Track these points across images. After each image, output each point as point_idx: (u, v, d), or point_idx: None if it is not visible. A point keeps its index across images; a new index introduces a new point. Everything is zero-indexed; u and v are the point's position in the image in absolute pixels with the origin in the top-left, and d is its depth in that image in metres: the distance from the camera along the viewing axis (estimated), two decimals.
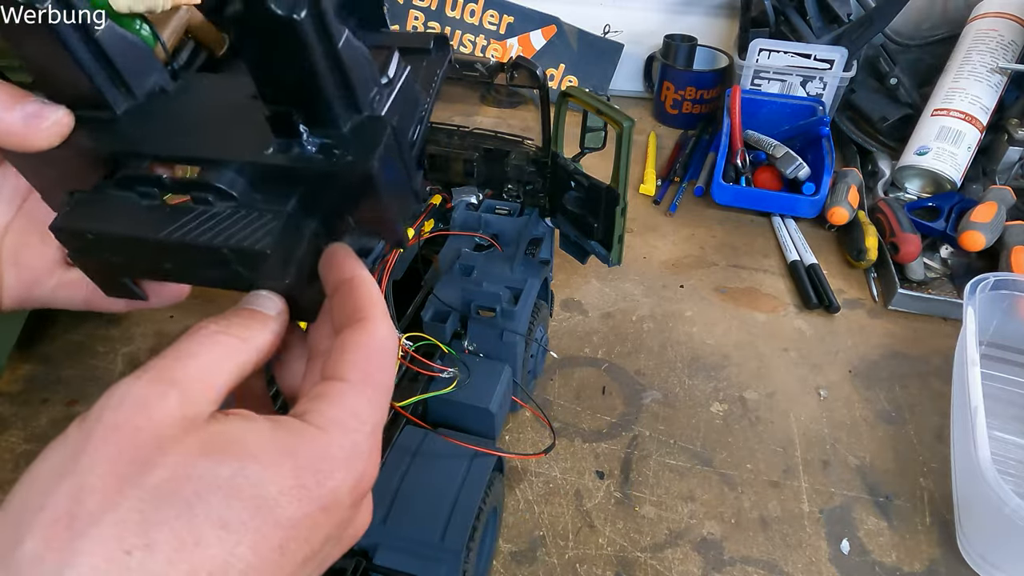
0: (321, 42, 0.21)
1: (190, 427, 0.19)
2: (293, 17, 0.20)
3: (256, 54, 0.22)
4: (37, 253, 0.29)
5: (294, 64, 0.21)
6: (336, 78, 0.22)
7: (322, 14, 0.21)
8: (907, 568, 0.49)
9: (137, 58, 0.25)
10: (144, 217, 0.24)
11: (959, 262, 0.77)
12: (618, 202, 0.50)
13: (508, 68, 0.52)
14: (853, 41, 0.93)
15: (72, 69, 0.23)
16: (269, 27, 0.20)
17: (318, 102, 0.23)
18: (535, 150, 0.58)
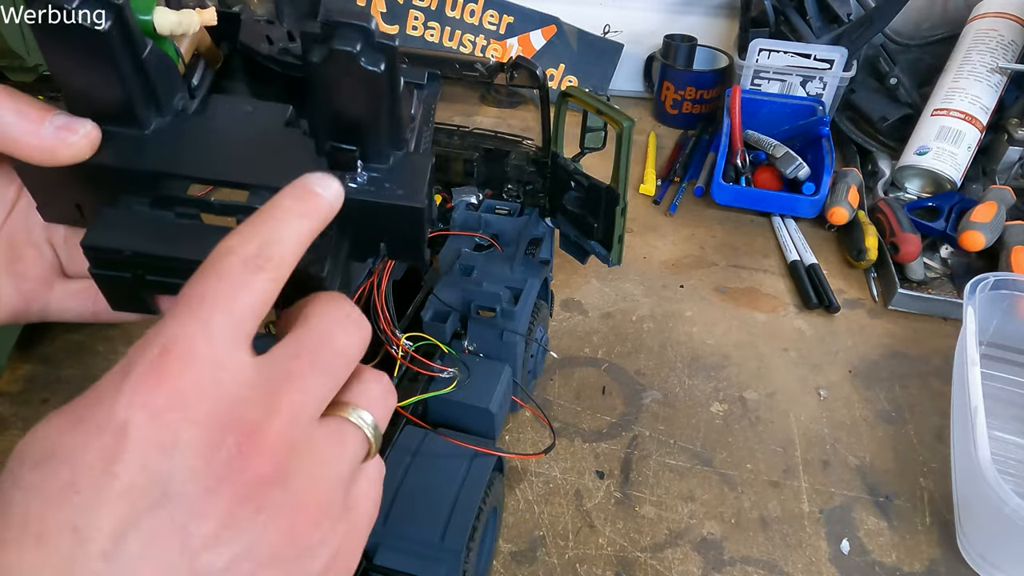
0: (392, 91, 0.23)
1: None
2: (378, 71, 0.22)
3: (331, 99, 0.23)
4: (33, 263, 0.28)
5: (366, 109, 0.24)
6: (393, 120, 0.25)
7: (395, 67, 0.23)
8: (907, 568, 0.49)
9: (168, 77, 0.26)
10: (186, 237, 0.25)
11: (959, 262, 0.77)
12: (618, 202, 0.50)
13: (508, 68, 0.52)
14: (853, 41, 0.93)
15: (114, 85, 0.24)
16: (354, 79, 0.22)
17: (376, 140, 0.25)
18: (535, 150, 0.58)
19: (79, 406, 0.18)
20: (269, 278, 0.20)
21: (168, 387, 0.18)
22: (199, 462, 0.18)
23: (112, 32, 0.22)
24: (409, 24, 1.10)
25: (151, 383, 0.18)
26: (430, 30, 1.10)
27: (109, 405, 0.18)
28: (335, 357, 0.22)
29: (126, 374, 0.18)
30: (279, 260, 0.21)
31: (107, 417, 0.17)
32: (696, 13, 1.12)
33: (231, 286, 0.20)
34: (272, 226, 0.21)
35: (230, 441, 0.18)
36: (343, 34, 0.22)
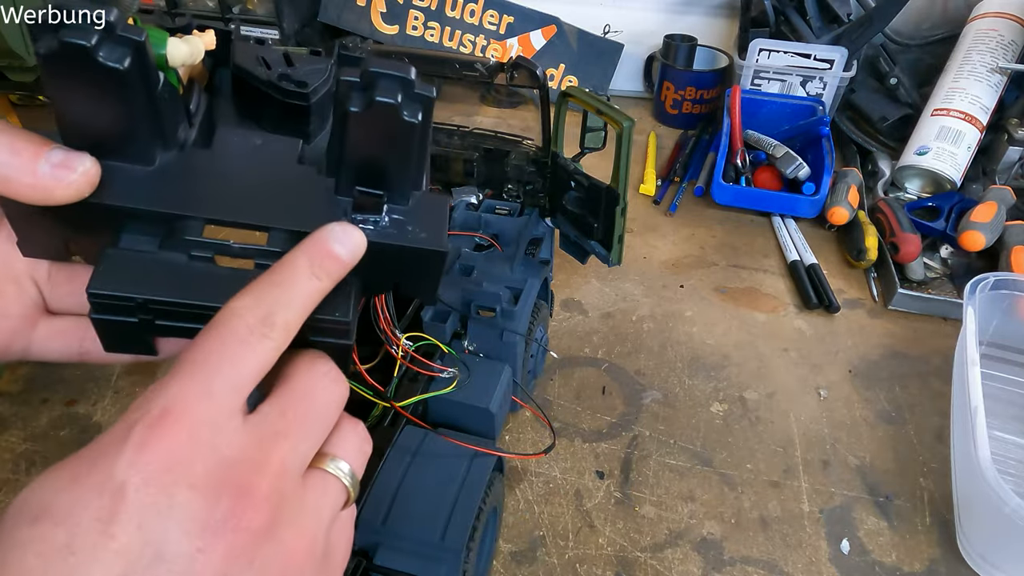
0: (424, 139, 0.23)
1: None
2: (416, 122, 0.22)
3: (364, 146, 0.23)
4: (14, 300, 0.27)
5: (398, 156, 0.23)
6: (420, 165, 0.24)
7: (430, 116, 0.23)
8: (907, 568, 0.49)
9: (174, 109, 0.25)
10: (202, 281, 0.24)
11: (959, 262, 0.77)
12: (618, 202, 0.50)
13: (508, 68, 0.52)
14: (853, 41, 0.93)
15: (123, 121, 0.22)
16: (391, 128, 0.22)
17: (403, 184, 0.24)
18: (535, 150, 0.58)
19: (78, 463, 0.18)
20: (273, 346, 0.21)
21: (166, 450, 0.18)
22: (194, 523, 0.18)
23: (131, 71, 0.21)
24: (409, 24, 1.10)
25: (151, 445, 0.18)
26: (430, 30, 1.10)
27: (108, 465, 0.18)
28: (318, 415, 0.23)
29: (127, 434, 0.18)
30: (284, 326, 0.21)
31: (106, 477, 0.18)
32: (696, 13, 1.12)
33: (235, 351, 0.20)
34: (283, 289, 0.22)
35: (224, 502, 0.19)
36: (385, 85, 0.22)
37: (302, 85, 0.28)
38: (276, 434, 0.21)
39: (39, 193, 0.21)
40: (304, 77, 0.28)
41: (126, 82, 0.21)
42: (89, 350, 0.27)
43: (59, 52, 0.20)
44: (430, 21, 1.10)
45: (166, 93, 0.23)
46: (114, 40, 0.20)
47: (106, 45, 0.20)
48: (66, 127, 0.22)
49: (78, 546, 0.17)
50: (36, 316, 0.27)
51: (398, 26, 1.10)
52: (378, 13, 1.10)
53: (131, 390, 0.59)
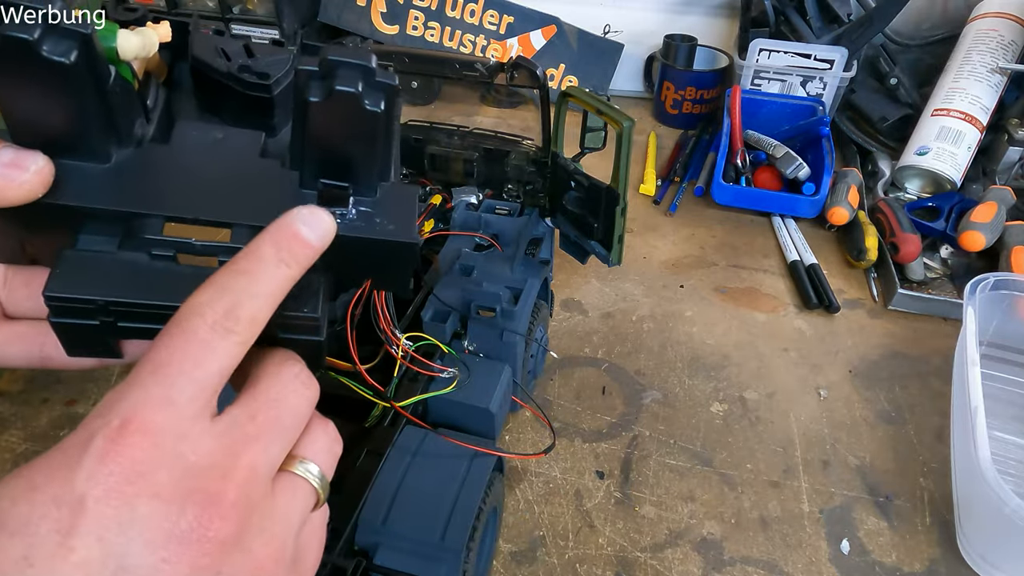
0: (389, 128, 0.23)
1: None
2: (378, 111, 0.21)
3: (326, 137, 0.22)
4: None
5: (363, 147, 0.23)
6: (386, 155, 0.24)
7: (394, 105, 0.22)
8: (907, 568, 0.49)
9: (129, 103, 0.24)
10: (164, 281, 0.23)
11: (959, 262, 0.77)
12: (618, 202, 0.50)
13: (508, 68, 0.52)
14: (853, 41, 0.93)
15: (74, 118, 0.21)
16: (353, 118, 0.22)
17: (369, 175, 0.24)
18: (535, 150, 0.58)
19: (35, 472, 0.18)
20: (238, 341, 0.20)
21: (128, 460, 0.18)
22: (158, 534, 0.18)
23: (78, 64, 0.20)
24: (409, 24, 1.10)
25: (111, 456, 0.18)
26: (430, 30, 1.10)
27: (67, 476, 0.17)
28: (289, 418, 0.22)
29: (86, 445, 0.18)
30: (250, 319, 0.20)
31: (65, 489, 0.17)
32: (696, 13, 1.12)
33: (197, 351, 0.19)
34: (248, 279, 0.20)
35: (190, 510, 0.18)
36: (344, 74, 0.21)
37: (264, 77, 0.27)
38: (246, 438, 0.20)
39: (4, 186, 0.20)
40: (266, 68, 0.28)
41: (74, 76, 0.20)
42: (51, 355, 0.26)
43: (1, 47, 0.19)
44: (430, 21, 1.10)
45: (118, 87, 0.22)
46: (59, 33, 0.19)
47: (50, 38, 0.19)
48: (16, 125, 0.21)
49: (36, 558, 0.16)
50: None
51: (398, 26, 1.10)
52: (378, 13, 1.10)
53: None
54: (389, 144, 0.24)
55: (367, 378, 0.45)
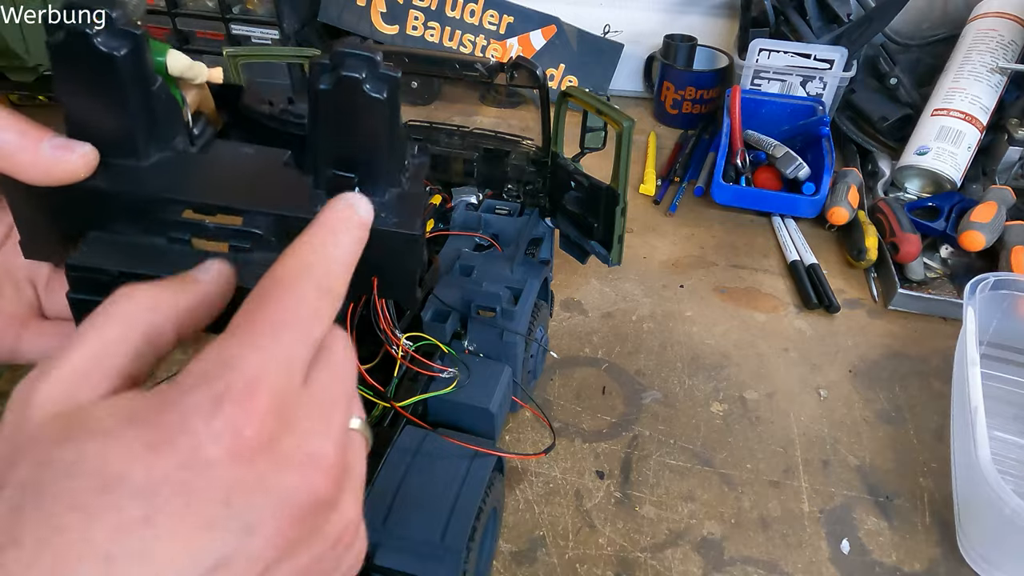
0: (392, 120, 0.24)
1: (61, 417, 0.19)
2: (381, 98, 0.23)
3: (335, 124, 0.24)
4: (9, 300, 0.28)
5: (367, 135, 0.24)
6: (392, 152, 0.25)
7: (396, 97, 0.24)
8: (907, 568, 0.49)
9: (172, 115, 0.27)
10: (176, 260, 0.24)
11: (959, 262, 0.77)
12: (618, 202, 0.50)
13: (508, 68, 0.52)
14: (853, 41, 0.93)
15: (120, 112, 0.24)
16: (358, 104, 0.23)
17: (375, 171, 0.25)
18: (535, 150, 0.58)
19: (150, 431, 0.17)
20: (335, 307, 0.21)
21: (255, 425, 0.18)
22: (280, 497, 0.18)
23: (127, 59, 0.23)
24: (409, 24, 1.10)
25: (238, 420, 0.17)
26: (430, 30, 1.10)
27: (192, 438, 0.17)
28: (353, 381, 0.23)
29: (213, 408, 0.17)
30: (342, 286, 0.21)
31: (190, 450, 0.17)
32: (696, 13, 1.12)
33: (308, 315, 0.20)
34: (332, 249, 0.21)
35: (308, 476, 0.19)
36: (351, 63, 0.23)
37: (300, 117, 0.30)
38: (334, 403, 0.20)
39: (39, 171, 0.23)
40: (303, 111, 0.30)
41: (122, 70, 0.23)
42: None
43: (64, 41, 0.22)
44: (430, 21, 1.10)
45: (163, 94, 0.25)
46: (114, 31, 0.22)
47: (105, 34, 0.22)
48: (71, 119, 0.24)
49: (158, 519, 0.16)
50: (28, 318, 0.28)
51: (398, 26, 1.10)
52: (378, 13, 1.10)
53: None
54: (394, 142, 0.25)
55: (367, 378, 0.45)
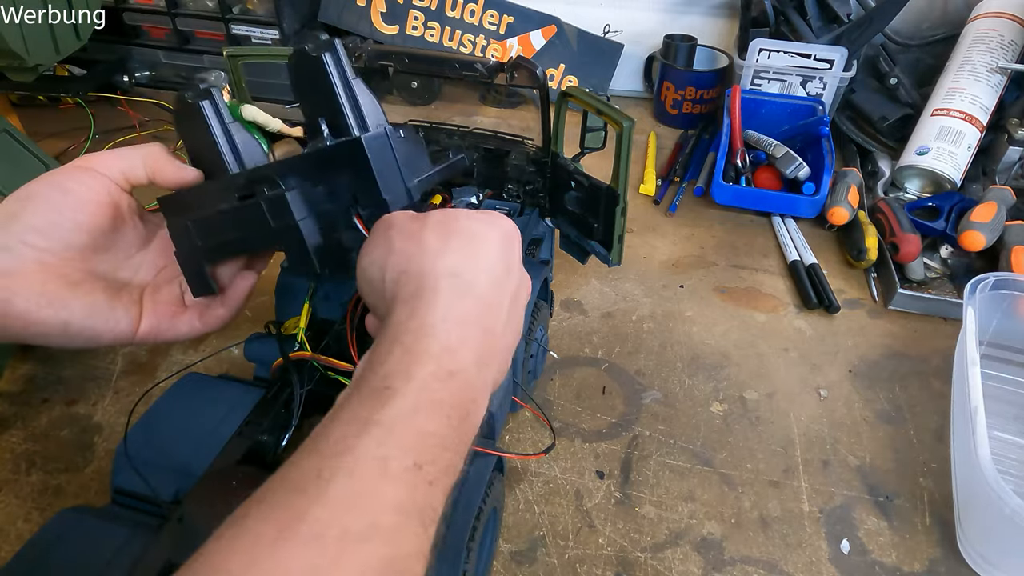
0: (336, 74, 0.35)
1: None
2: (322, 56, 0.34)
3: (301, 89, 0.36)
4: (166, 293, 0.41)
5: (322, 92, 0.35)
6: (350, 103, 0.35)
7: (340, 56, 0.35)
8: (907, 568, 0.49)
9: (253, 152, 0.39)
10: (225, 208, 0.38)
11: (959, 262, 0.77)
12: (618, 202, 0.50)
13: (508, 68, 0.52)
14: (853, 41, 0.93)
15: (209, 146, 0.38)
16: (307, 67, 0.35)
17: (337, 117, 0.35)
18: (535, 150, 0.58)
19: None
20: None
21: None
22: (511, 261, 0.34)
23: (208, 107, 0.37)
24: (409, 24, 1.10)
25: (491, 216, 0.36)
26: (430, 30, 1.10)
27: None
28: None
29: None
30: None
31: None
32: (696, 13, 1.12)
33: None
34: None
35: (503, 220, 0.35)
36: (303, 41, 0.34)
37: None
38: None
39: (172, 180, 0.38)
40: None
41: (204, 113, 0.37)
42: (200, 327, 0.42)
43: (179, 105, 0.38)
44: (430, 21, 1.10)
45: (243, 137, 0.39)
46: (198, 93, 0.37)
47: (194, 95, 0.37)
48: (189, 151, 0.40)
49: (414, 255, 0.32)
50: (179, 307, 0.41)
51: (398, 26, 1.10)
52: (378, 13, 1.10)
53: (131, 390, 0.59)
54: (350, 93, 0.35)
55: None
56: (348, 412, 0.27)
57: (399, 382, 0.27)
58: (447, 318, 0.29)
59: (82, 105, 0.98)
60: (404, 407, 0.26)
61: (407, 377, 0.27)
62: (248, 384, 0.50)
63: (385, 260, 0.32)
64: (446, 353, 0.28)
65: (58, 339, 0.36)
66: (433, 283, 0.30)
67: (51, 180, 0.36)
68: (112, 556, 0.37)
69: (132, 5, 1.05)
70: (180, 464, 0.42)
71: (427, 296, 0.30)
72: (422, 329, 0.29)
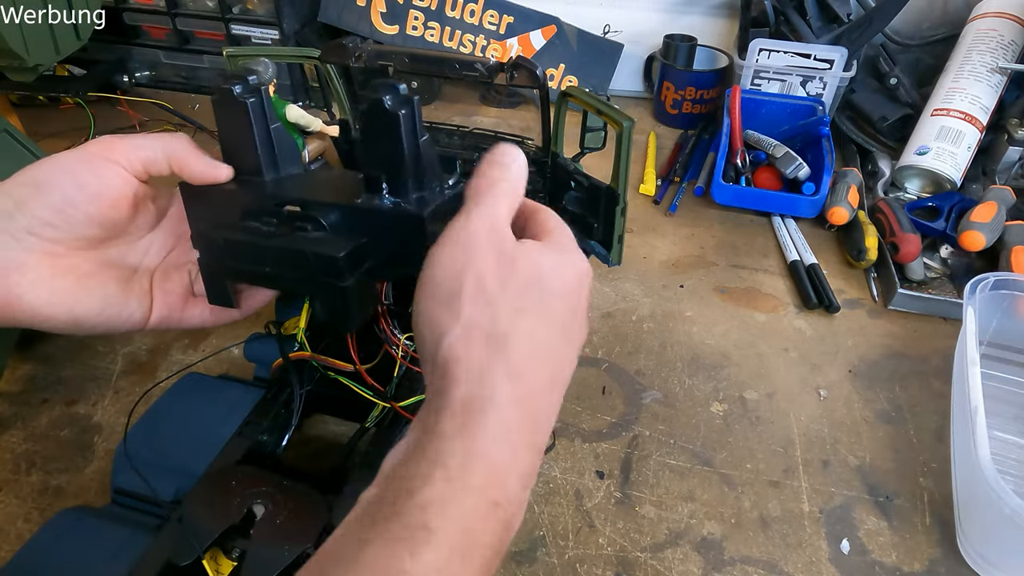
0: (411, 133, 0.33)
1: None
2: (399, 114, 0.32)
3: (370, 136, 0.34)
4: (176, 281, 0.40)
5: (389, 144, 0.33)
6: (415, 161, 0.34)
7: (415, 116, 0.33)
8: (907, 568, 0.49)
9: (289, 151, 0.38)
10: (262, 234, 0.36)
11: (959, 262, 0.77)
12: (618, 202, 0.50)
13: (508, 68, 0.52)
14: (853, 41, 0.93)
15: (249, 144, 0.37)
16: (382, 119, 0.33)
17: (401, 173, 0.34)
18: (535, 150, 0.58)
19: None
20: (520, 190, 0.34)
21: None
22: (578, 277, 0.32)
23: (254, 106, 0.36)
24: (409, 24, 1.10)
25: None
26: (430, 30, 1.10)
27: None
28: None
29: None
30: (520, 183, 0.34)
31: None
32: (696, 13, 1.12)
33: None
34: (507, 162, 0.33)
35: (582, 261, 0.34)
36: (380, 89, 0.32)
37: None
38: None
39: (200, 174, 0.37)
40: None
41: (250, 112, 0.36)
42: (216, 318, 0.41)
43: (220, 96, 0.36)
44: (430, 21, 1.10)
45: (280, 134, 0.37)
46: (248, 89, 0.36)
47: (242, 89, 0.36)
48: (223, 146, 0.38)
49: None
50: (188, 296, 0.40)
51: (398, 26, 1.10)
52: (378, 13, 1.10)
53: (131, 390, 0.59)
54: (416, 152, 0.34)
55: (367, 378, 0.45)
56: (379, 547, 0.23)
57: (436, 520, 0.23)
58: (498, 438, 0.26)
59: (82, 105, 0.98)
60: (439, 556, 0.23)
61: (445, 516, 0.23)
62: (248, 384, 0.50)
63: (444, 327, 0.28)
64: (492, 482, 0.25)
65: (70, 330, 0.35)
66: (491, 389, 0.26)
67: (65, 167, 0.33)
68: (112, 556, 0.37)
69: (132, 5, 1.05)
70: (180, 464, 0.42)
71: (478, 406, 0.26)
72: (470, 453, 0.25)
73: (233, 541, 0.36)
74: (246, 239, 0.35)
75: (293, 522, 0.37)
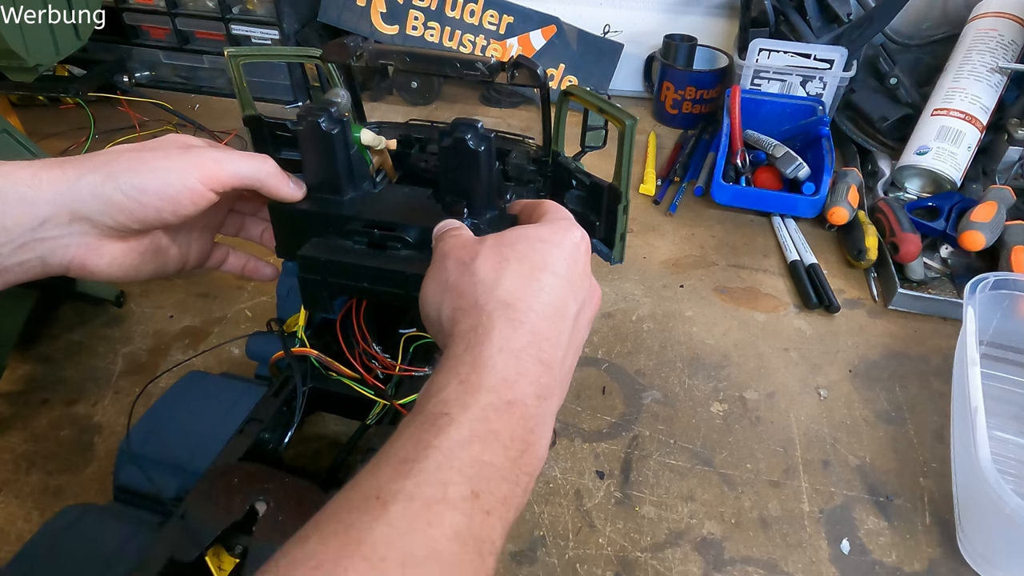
0: (488, 164, 0.39)
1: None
2: (479, 151, 0.38)
3: (452, 168, 0.39)
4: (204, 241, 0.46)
5: (473, 175, 0.39)
6: (491, 186, 0.40)
7: (491, 150, 0.39)
8: (907, 568, 0.49)
9: (362, 170, 0.44)
10: (356, 252, 0.41)
11: (959, 262, 0.77)
12: (620, 200, 0.50)
13: (508, 68, 0.52)
14: (853, 41, 0.93)
15: (333, 167, 0.42)
16: (465, 155, 0.38)
17: (479, 199, 0.40)
18: (536, 149, 0.58)
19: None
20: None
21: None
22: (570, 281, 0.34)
23: (338, 135, 0.40)
24: (409, 24, 1.10)
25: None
26: (430, 30, 1.10)
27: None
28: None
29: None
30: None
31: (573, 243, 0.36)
32: (696, 13, 1.12)
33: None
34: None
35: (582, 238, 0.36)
36: (461, 128, 0.38)
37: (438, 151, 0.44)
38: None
39: (284, 194, 0.42)
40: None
41: (334, 142, 0.40)
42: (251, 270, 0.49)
43: (306, 127, 0.40)
44: (430, 21, 1.10)
45: (357, 156, 0.42)
46: (331, 120, 0.40)
47: (327, 121, 0.40)
48: (305, 168, 0.43)
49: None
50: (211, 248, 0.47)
51: (398, 26, 1.10)
52: (378, 13, 1.10)
53: (131, 390, 0.59)
54: (490, 178, 0.40)
55: (367, 378, 0.45)
56: (408, 434, 0.27)
57: (456, 410, 0.27)
58: (503, 349, 0.29)
59: (82, 105, 0.98)
60: (461, 435, 0.26)
61: (463, 406, 0.27)
62: (249, 382, 0.50)
63: (441, 297, 0.33)
64: (503, 384, 0.28)
65: (126, 280, 0.43)
66: (487, 317, 0.30)
67: (165, 179, 0.37)
68: (115, 553, 0.37)
69: (132, 5, 1.05)
70: (182, 462, 0.42)
71: (481, 330, 0.30)
72: (478, 362, 0.29)
73: (235, 538, 0.36)
74: (348, 261, 0.40)
75: (295, 519, 0.37)
